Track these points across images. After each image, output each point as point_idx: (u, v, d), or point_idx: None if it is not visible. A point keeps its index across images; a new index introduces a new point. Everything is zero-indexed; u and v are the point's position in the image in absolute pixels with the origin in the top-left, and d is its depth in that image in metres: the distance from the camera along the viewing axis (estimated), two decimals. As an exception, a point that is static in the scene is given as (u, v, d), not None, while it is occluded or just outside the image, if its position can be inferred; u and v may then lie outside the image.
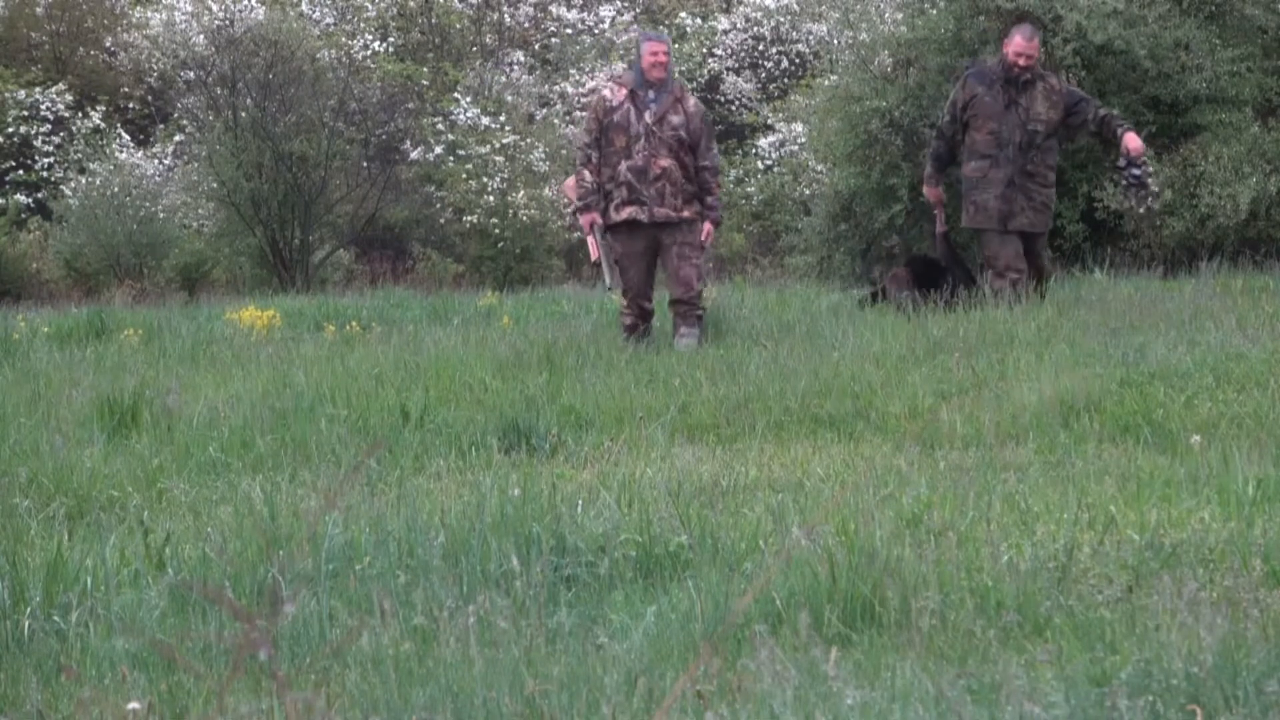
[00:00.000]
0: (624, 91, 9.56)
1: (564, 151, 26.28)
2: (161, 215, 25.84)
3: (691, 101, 9.66)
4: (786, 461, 6.30)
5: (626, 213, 9.45)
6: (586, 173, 9.60)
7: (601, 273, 9.88)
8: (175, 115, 27.92)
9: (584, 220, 9.67)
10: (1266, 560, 4.16)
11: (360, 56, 26.57)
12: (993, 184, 9.93)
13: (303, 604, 4.14)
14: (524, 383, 8.19)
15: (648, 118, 9.43)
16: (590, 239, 9.66)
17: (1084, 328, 9.06)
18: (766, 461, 6.31)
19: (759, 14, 30.06)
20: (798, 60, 29.67)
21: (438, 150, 26.02)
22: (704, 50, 29.43)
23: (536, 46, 30.00)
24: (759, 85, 29.74)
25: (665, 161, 9.40)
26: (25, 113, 27.43)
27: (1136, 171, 9.97)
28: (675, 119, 9.45)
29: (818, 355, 8.72)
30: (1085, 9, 14.81)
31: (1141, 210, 13.47)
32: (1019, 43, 10.02)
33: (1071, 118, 10.09)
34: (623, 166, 9.44)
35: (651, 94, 9.48)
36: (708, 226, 9.60)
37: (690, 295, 9.54)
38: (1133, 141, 9.97)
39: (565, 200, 10.19)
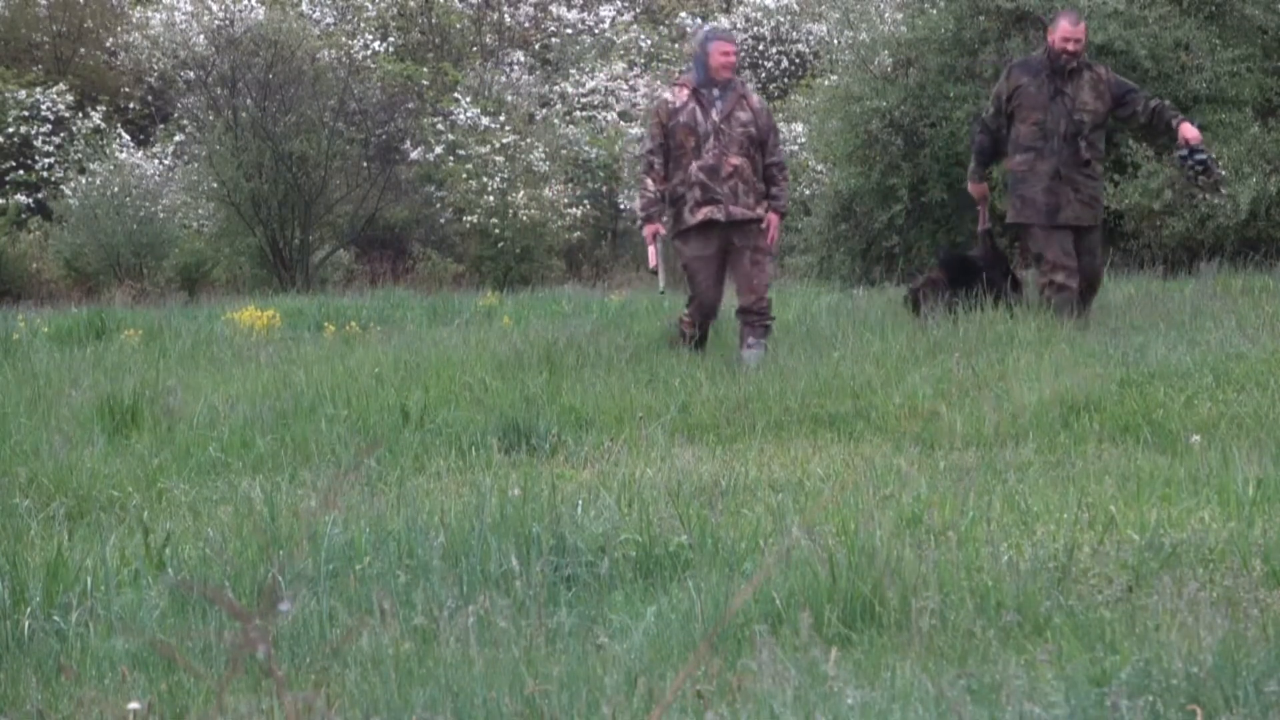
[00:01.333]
0: (686, 91, 9.22)
1: (564, 151, 26.29)
2: (161, 215, 25.84)
3: (755, 98, 9.37)
4: (786, 461, 6.29)
5: (703, 213, 9.08)
6: (650, 181, 9.21)
7: (658, 278, 9.51)
8: (175, 115, 27.93)
9: (646, 232, 9.24)
10: (1266, 560, 4.16)
11: (360, 56, 26.57)
12: (1039, 177, 9.54)
13: (303, 604, 4.14)
14: (524, 383, 8.19)
15: (714, 116, 9.11)
16: (651, 249, 9.26)
17: (1084, 328, 9.07)
18: (766, 461, 6.31)
19: (759, 14, 30.07)
20: (798, 60, 29.68)
21: (438, 150, 26.03)
22: (704, 50, 29.41)
23: (536, 46, 30.00)
24: (759, 85, 29.73)
25: (736, 159, 9.08)
26: (26, 113, 27.44)
27: (1201, 157, 9.66)
28: (743, 115, 9.15)
29: (818, 355, 8.73)
30: (1085, 9, 14.80)
31: (1209, 192, 13.47)
32: (1065, 28, 9.64)
33: (1120, 109, 9.74)
34: (693, 167, 9.09)
35: (716, 92, 9.16)
36: (772, 217, 9.20)
37: (761, 304, 9.20)
38: (1189, 131, 9.49)
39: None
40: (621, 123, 26.97)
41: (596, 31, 29.94)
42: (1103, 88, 9.67)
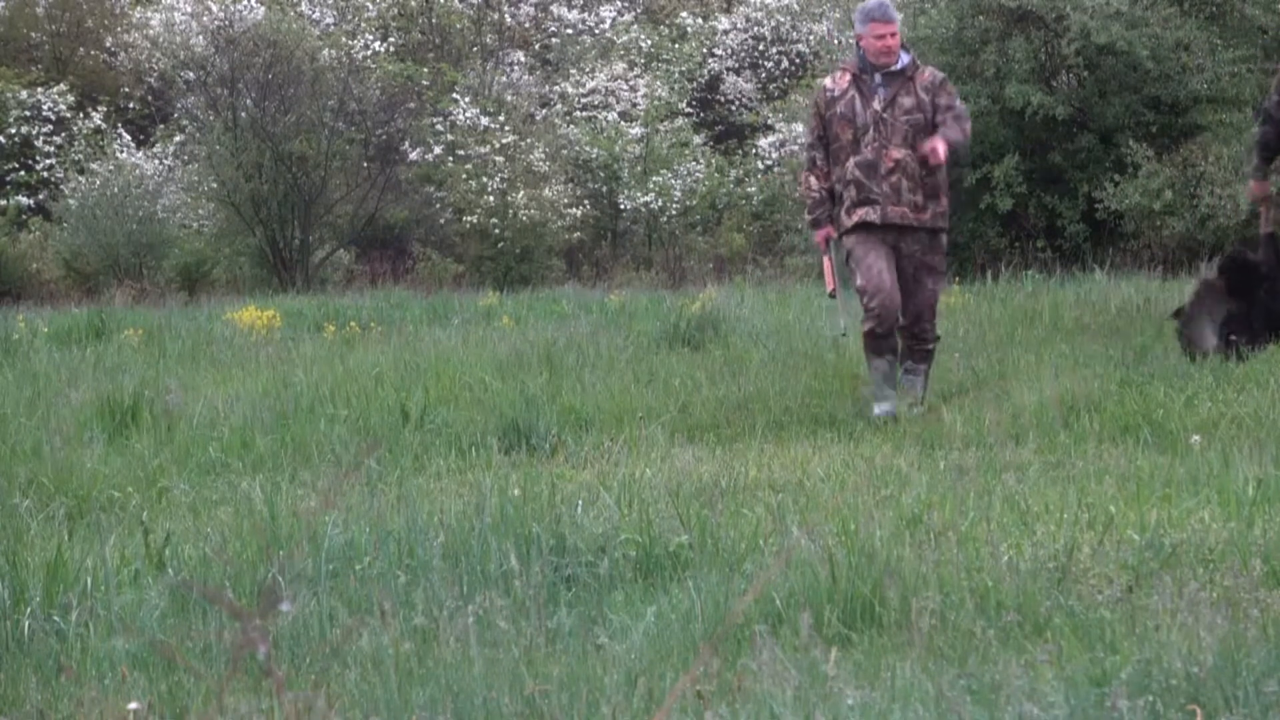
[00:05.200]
0: (847, 77, 8.10)
1: (564, 151, 26.29)
2: (161, 215, 25.84)
3: (926, 75, 8.08)
4: (786, 461, 6.30)
5: (858, 215, 7.92)
6: (812, 179, 8.13)
7: (837, 313, 8.41)
8: (175, 115, 27.93)
9: (817, 237, 8.20)
10: (1266, 560, 4.16)
11: (360, 56, 26.57)
12: None
13: (303, 604, 4.14)
14: (524, 383, 8.19)
15: (876, 104, 7.99)
16: (826, 262, 8.21)
17: (1084, 328, 9.06)
18: (766, 461, 6.31)
19: (759, 14, 30.07)
20: (798, 60, 29.67)
21: (437, 150, 26.03)
22: (704, 50, 29.43)
23: (536, 46, 30.00)
24: (759, 85, 29.75)
25: (898, 153, 7.93)
26: (27, 113, 27.43)
27: None
28: (907, 102, 7.98)
29: (818, 355, 8.72)
30: (1089, 10, 14.83)
31: None
32: None
33: None
34: (850, 163, 7.97)
35: (878, 78, 8.03)
36: (936, 141, 7.82)
37: (920, 326, 7.96)
38: None
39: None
40: (622, 123, 26.96)
41: (596, 31, 29.93)
42: None
